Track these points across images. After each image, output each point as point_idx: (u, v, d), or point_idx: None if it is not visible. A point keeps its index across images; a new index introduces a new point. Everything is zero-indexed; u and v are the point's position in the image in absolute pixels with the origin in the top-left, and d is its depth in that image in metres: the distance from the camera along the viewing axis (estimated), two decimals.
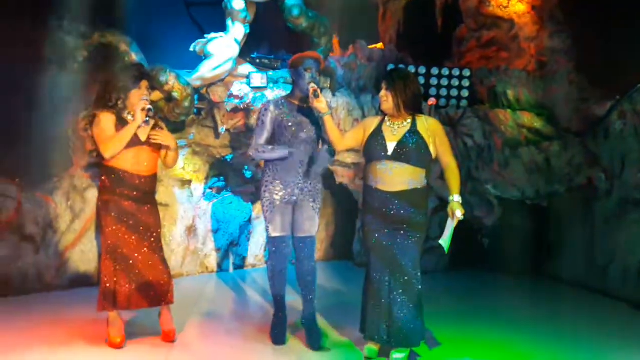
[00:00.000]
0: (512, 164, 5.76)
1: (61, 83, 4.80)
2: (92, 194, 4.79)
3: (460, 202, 3.37)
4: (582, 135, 5.67)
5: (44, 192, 4.62)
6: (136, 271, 3.44)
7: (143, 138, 3.46)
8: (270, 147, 3.62)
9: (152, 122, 3.52)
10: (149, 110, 3.40)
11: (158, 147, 3.54)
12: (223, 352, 3.57)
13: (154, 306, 3.56)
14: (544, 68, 6.23)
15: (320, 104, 3.44)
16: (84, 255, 4.76)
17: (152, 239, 3.52)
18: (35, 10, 4.66)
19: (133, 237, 3.44)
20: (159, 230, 3.58)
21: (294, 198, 3.65)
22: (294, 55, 3.71)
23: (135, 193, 3.46)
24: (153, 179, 3.56)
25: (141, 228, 3.47)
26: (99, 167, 3.76)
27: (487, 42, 6.68)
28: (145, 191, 3.51)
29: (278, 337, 3.72)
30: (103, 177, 3.50)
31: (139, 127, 3.40)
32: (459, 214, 3.33)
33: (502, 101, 6.13)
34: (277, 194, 3.62)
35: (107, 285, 3.41)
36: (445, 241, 3.40)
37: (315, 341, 3.66)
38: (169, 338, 3.62)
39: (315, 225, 3.70)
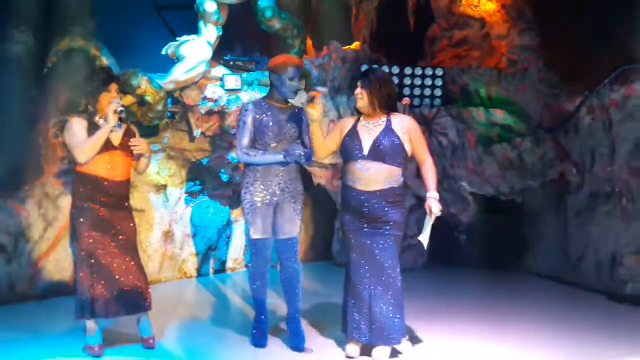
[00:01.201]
0: (486, 161, 5.84)
1: (30, 89, 4.69)
2: (65, 202, 4.68)
3: (437, 198, 3.41)
4: (553, 131, 5.78)
5: (15, 201, 4.51)
6: (113, 278, 3.37)
7: (115, 142, 3.41)
8: (260, 151, 3.58)
9: (124, 125, 3.46)
10: (121, 112, 3.35)
11: (131, 152, 3.47)
12: (204, 357, 3.54)
13: (132, 314, 3.51)
14: (515, 66, 6.33)
15: (314, 111, 3.41)
16: (58, 263, 4.66)
17: (128, 246, 3.46)
18: (2, 16, 4.55)
19: (108, 244, 3.38)
20: (135, 236, 3.55)
21: (275, 199, 3.62)
22: (276, 58, 3.67)
23: (109, 199, 3.40)
24: (127, 184, 3.51)
25: (116, 234, 3.41)
26: (72, 173, 3.67)
27: (459, 41, 6.77)
28: (119, 196, 3.46)
29: (259, 339, 3.70)
30: (76, 184, 3.45)
31: (111, 131, 3.35)
32: (436, 210, 3.37)
33: (474, 99, 6.22)
34: (257, 196, 3.59)
35: (84, 293, 3.34)
36: (424, 237, 3.43)
37: (299, 343, 3.65)
38: (148, 344, 3.57)
39: (296, 226, 3.67)
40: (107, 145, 3.35)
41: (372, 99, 3.43)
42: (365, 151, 3.41)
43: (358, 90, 3.47)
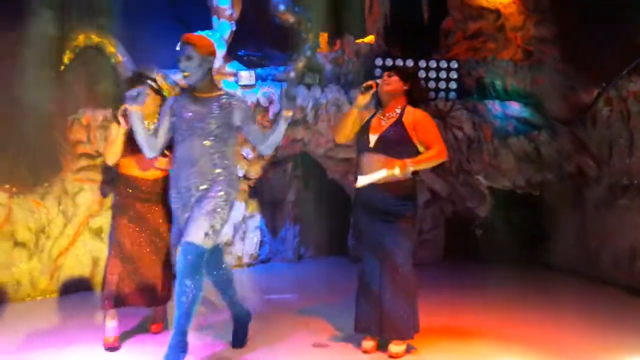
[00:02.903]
0: (502, 154, 5.80)
1: (49, 86, 4.74)
2: (84, 198, 4.75)
3: (409, 168, 3.23)
4: (570, 123, 5.71)
5: (35, 197, 4.57)
6: (137, 270, 3.52)
7: None
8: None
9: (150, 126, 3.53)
10: (125, 112, 3.42)
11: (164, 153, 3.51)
12: (222, 352, 3.57)
13: (151, 306, 3.63)
14: (531, 57, 6.27)
15: (363, 99, 3.40)
16: (77, 259, 4.72)
17: (158, 240, 3.58)
18: (20, 14, 4.60)
19: (138, 237, 3.53)
20: (167, 232, 3.58)
21: (189, 205, 3.11)
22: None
23: (142, 195, 3.56)
24: (159, 182, 3.60)
25: (147, 229, 3.56)
26: (90, 170, 4.20)
27: (474, 34, 6.71)
28: (152, 193, 3.58)
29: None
30: (117, 182, 3.68)
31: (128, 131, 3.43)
32: (396, 171, 3.19)
33: (490, 92, 6.17)
34: (174, 204, 3.19)
35: (111, 282, 3.46)
36: (361, 180, 3.29)
37: (240, 341, 3.52)
38: (157, 329, 3.70)
39: (198, 229, 2.98)
40: (137, 147, 3.39)
41: (401, 85, 3.45)
42: (372, 143, 3.41)
43: (386, 77, 3.47)
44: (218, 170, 3.11)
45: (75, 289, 4.67)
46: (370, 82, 3.44)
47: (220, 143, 3.11)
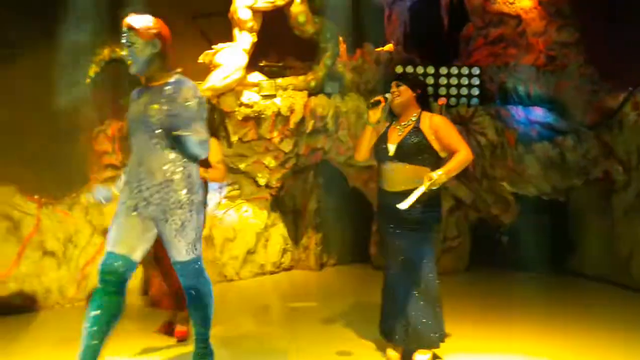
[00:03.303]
0: (526, 160, 5.73)
1: (75, 99, 4.86)
2: (111, 208, 4.80)
3: (442, 177, 3.15)
4: (595, 127, 5.62)
5: (62, 208, 4.67)
6: (167, 277, 3.73)
7: None
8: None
9: None
10: None
11: (200, 163, 3.56)
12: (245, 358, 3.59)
13: (180, 310, 3.80)
14: (554, 62, 6.20)
15: (373, 115, 3.41)
16: None
17: None
18: (47, 30, 4.74)
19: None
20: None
21: (139, 209, 2.80)
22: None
23: None
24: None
25: None
26: (114, 180, 3.94)
27: (495, 39, 6.67)
28: None
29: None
30: None
31: None
32: (433, 177, 3.12)
33: (512, 97, 6.11)
34: (121, 199, 2.87)
35: (152, 288, 3.80)
36: (403, 204, 3.17)
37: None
38: (181, 335, 3.79)
39: (180, 247, 2.82)
40: None
41: (412, 94, 3.43)
42: (391, 152, 3.40)
43: (394, 89, 3.46)
44: (170, 169, 2.75)
45: None
46: (378, 98, 3.43)
47: (170, 138, 2.72)
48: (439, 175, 3.16)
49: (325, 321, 4.23)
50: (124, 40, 2.81)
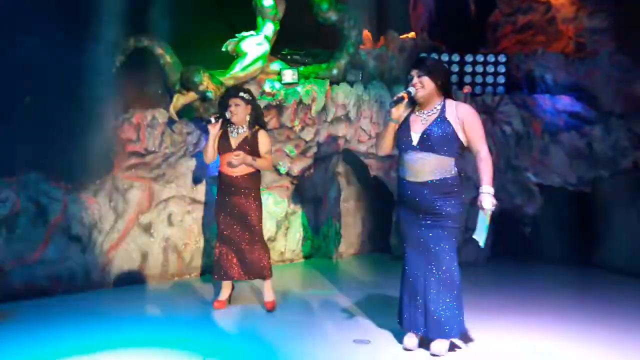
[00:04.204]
0: (553, 150, 5.62)
1: (101, 87, 4.94)
2: (133, 195, 4.93)
3: (491, 192, 3.26)
4: (626, 117, 5.47)
5: (87, 194, 4.78)
6: (239, 249, 4.20)
7: (234, 146, 4.18)
8: None
9: (245, 133, 4.18)
10: (208, 121, 4.18)
11: (249, 153, 4.14)
12: (269, 345, 3.64)
13: (252, 279, 4.31)
14: (584, 49, 6.04)
15: (396, 111, 3.40)
16: (127, 254, 4.90)
17: (250, 224, 4.19)
18: (75, 19, 4.81)
19: (235, 224, 4.19)
20: (256, 217, 4.21)
21: None
22: None
23: (233, 189, 4.17)
24: (247, 178, 4.18)
25: (241, 216, 4.18)
26: (136, 168, 4.85)
27: (523, 26, 6.53)
28: (241, 187, 4.17)
29: None
30: (217, 179, 4.35)
31: (231, 136, 4.19)
32: (488, 205, 3.23)
33: (540, 86, 5.98)
34: None
35: (218, 261, 4.25)
36: (479, 235, 3.27)
37: None
38: (268, 307, 4.26)
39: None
40: (227, 149, 4.18)
41: (435, 84, 3.36)
42: (415, 142, 3.35)
43: (416, 80, 3.39)
44: None
45: (125, 282, 4.86)
46: (401, 95, 3.38)
47: None
48: (487, 195, 3.26)
49: (343, 310, 4.26)
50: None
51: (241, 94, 4.20)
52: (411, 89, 3.38)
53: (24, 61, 4.53)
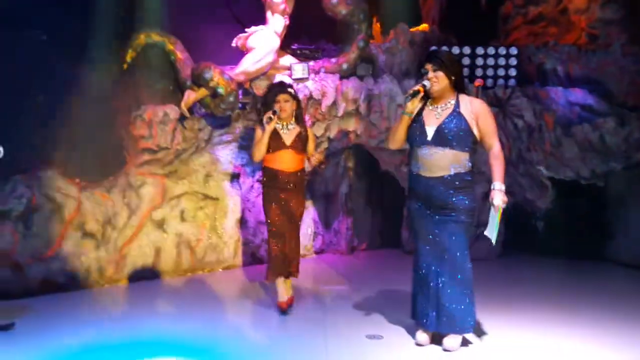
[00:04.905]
0: (565, 143, 5.57)
1: (113, 84, 4.97)
2: (147, 191, 4.97)
3: (502, 189, 3.26)
4: (639, 109, 5.40)
5: (101, 190, 4.83)
6: (285, 244, 4.12)
7: (287, 143, 4.12)
8: None
9: (297, 129, 4.13)
10: (269, 119, 4.03)
11: (301, 150, 4.15)
12: (279, 340, 3.66)
13: (287, 277, 4.16)
14: (596, 41, 5.97)
15: (411, 105, 3.39)
16: (140, 250, 4.95)
17: (297, 222, 4.22)
18: (86, 15, 4.84)
19: (285, 220, 4.13)
20: (301, 216, 4.26)
21: None
22: None
23: (287, 186, 4.13)
24: (298, 174, 4.18)
25: (289, 211, 4.14)
26: (156, 164, 4.96)
27: (535, 18, 6.47)
28: (293, 183, 4.14)
29: None
30: (263, 175, 4.25)
31: (284, 133, 4.10)
32: (498, 202, 3.23)
33: (552, 78, 5.92)
34: None
35: (276, 260, 4.08)
36: (490, 232, 3.28)
37: None
38: (285, 306, 4.12)
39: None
40: (281, 145, 4.09)
41: (449, 79, 3.35)
42: (430, 136, 3.34)
43: (432, 74, 3.37)
44: None
45: (138, 278, 4.91)
46: (417, 88, 3.37)
47: None
48: (499, 191, 3.25)
49: (355, 305, 4.27)
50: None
51: (289, 89, 4.16)
52: (426, 83, 3.37)
53: (35, 59, 4.58)
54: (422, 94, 3.37)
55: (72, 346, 3.48)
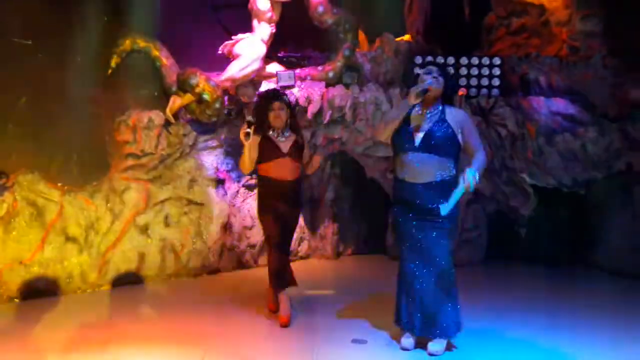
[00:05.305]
0: (547, 152, 5.65)
1: (97, 89, 4.94)
2: (130, 196, 4.94)
3: (476, 175, 3.23)
4: (619, 120, 5.52)
5: (84, 195, 4.78)
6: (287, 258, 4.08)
7: (284, 150, 4.06)
8: None
9: (292, 137, 4.09)
10: (247, 134, 3.88)
11: (298, 159, 4.10)
12: (262, 346, 3.64)
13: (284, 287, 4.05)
14: (577, 53, 6.08)
15: (417, 101, 3.39)
16: (124, 255, 4.90)
17: (292, 231, 4.16)
18: (70, 19, 4.82)
19: (281, 229, 4.03)
20: (295, 227, 4.20)
21: None
22: None
23: (285, 194, 4.04)
24: (298, 183, 4.15)
25: (287, 222, 4.06)
26: (141, 169, 4.92)
27: (517, 29, 6.57)
28: (294, 192, 4.10)
29: None
30: (258, 183, 4.22)
31: (281, 141, 4.04)
32: (470, 179, 3.19)
33: (534, 88, 6.02)
34: None
35: (283, 271, 3.99)
36: (444, 207, 3.28)
37: None
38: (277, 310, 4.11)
39: None
40: (278, 154, 4.02)
41: (444, 85, 3.42)
42: (416, 143, 3.38)
43: (436, 75, 3.42)
44: None
45: (122, 283, 4.86)
46: (426, 87, 3.37)
47: None
48: (474, 175, 3.19)
49: (341, 310, 4.28)
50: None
51: (283, 97, 4.10)
52: (432, 82, 3.40)
53: (19, 63, 4.54)
54: (430, 92, 3.39)
55: (53, 353, 3.42)
